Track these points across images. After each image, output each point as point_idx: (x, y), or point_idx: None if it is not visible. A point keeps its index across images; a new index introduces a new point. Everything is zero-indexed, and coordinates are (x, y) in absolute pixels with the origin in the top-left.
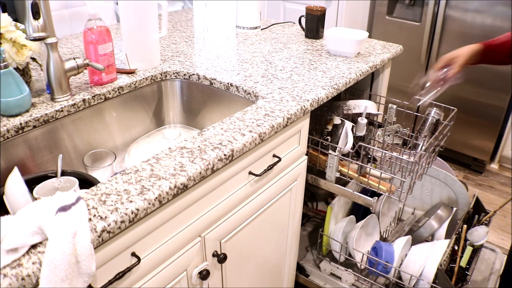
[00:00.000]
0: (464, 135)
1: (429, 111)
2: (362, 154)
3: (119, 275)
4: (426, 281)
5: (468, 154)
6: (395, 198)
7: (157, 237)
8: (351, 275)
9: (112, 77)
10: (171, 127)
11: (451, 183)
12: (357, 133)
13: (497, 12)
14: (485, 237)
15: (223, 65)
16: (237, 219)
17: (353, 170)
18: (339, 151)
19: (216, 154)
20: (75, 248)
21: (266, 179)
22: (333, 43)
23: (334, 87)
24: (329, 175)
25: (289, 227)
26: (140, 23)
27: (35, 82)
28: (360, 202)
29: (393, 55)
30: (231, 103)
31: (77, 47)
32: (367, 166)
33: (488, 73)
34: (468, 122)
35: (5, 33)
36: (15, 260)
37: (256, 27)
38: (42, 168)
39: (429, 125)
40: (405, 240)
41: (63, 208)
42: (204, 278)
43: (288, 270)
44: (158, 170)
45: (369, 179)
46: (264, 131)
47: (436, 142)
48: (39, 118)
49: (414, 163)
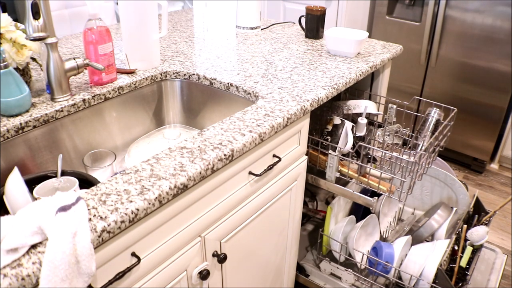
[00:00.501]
0: (464, 135)
1: (429, 111)
2: (362, 154)
3: (119, 275)
4: (426, 281)
5: (468, 154)
6: (395, 198)
7: (157, 237)
8: (351, 275)
9: (112, 77)
10: (171, 127)
11: (451, 183)
12: (357, 133)
13: (497, 12)
14: (485, 237)
15: (223, 65)
16: (237, 219)
17: (353, 170)
18: (339, 151)
19: (216, 154)
20: (75, 248)
21: (266, 179)
22: (333, 43)
23: (334, 87)
24: (329, 175)
25: (289, 227)
26: (140, 23)
27: (35, 82)
28: (360, 202)
29: (393, 55)
30: (231, 103)
31: (77, 47)
32: (367, 166)
33: (488, 73)
34: (468, 122)
35: (5, 33)
36: (15, 260)
37: (256, 27)
38: (42, 168)
39: (429, 125)
40: (405, 240)
41: (63, 208)
42: (204, 278)
43: (288, 270)
44: (158, 170)
45: (369, 179)
46: (264, 131)
47: (436, 142)
48: (39, 118)
49: (414, 163)
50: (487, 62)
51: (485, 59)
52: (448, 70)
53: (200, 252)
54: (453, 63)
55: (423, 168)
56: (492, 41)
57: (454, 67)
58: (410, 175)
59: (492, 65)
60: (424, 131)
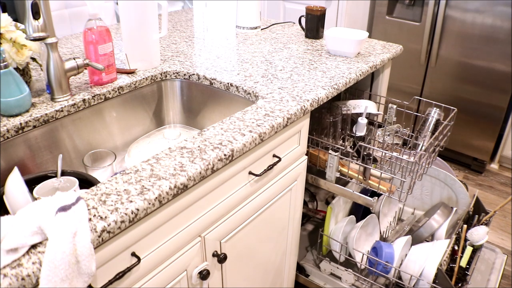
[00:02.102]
0: (464, 135)
1: (429, 111)
2: (362, 154)
3: (119, 275)
4: (426, 281)
5: (468, 154)
6: (395, 198)
7: (157, 237)
8: (351, 275)
9: (112, 77)
10: (171, 127)
11: (451, 183)
12: (357, 133)
13: (497, 12)
14: (485, 237)
15: (223, 65)
16: (237, 219)
17: (353, 170)
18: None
19: (216, 154)
20: (75, 248)
21: (266, 179)
22: (333, 43)
23: (334, 87)
24: (329, 175)
25: (289, 227)
26: (140, 23)
27: (35, 82)
28: (360, 202)
29: (393, 55)
30: (231, 103)
31: (77, 47)
32: (367, 166)
33: (488, 73)
34: (468, 122)
35: (5, 33)
36: (15, 260)
37: (256, 27)
38: (42, 168)
39: (429, 125)
40: (405, 240)
41: (63, 208)
42: (204, 278)
43: (288, 270)
44: (158, 170)
45: (369, 179)
46: (264, 131)
47: (436, 142)
48: (39, 118)
49: (414, 163)
50: (487, 62)
51: (485, 59)
52: (448, 70)
53: (200, 252)
54: (453, 63)
55: (423, 168)
56: (492, 41)
57: (454, 67)
58: (410, 175)
59: (492, 65)
60: (424, 131)
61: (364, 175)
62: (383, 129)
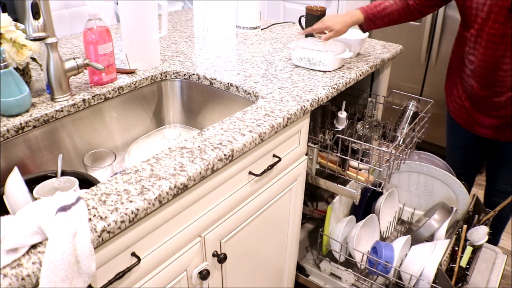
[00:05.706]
0: None
1: (407, 104)
2: (340, 146)
3: (119, 275)
4: (426, 281)
5: None
6: (372, 187)
7: (157, 237)
8: (351, 275)
9: (112, 77)
10: (171, 127)
11: (451, 183)
12: (337, 126)
13: None
14: (485, 237)
15: (223, 65)
16: (237, 219)
17: (332, 162)
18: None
19: (216, 154)
20: (75, 248)
21: (266, 179)
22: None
23: (334, 87)
24: (309, 167)
25: (289, 227)
26: (140, 23)
27: (35, 82)
28: (344, 195)
29: (393, 55)
30: (231, 103)
31: (77, 47)
32: (346, 158)
33: None
34: None
35: (5, 33)
36: (15, 260)
37: (256, 27)
38: (42, 168)
39: (407, 117)
40: (405, 240)
41: (63, 208)
42: (204, 278)
43: (288, 270)
44: (158, 170)
45: (348, 170)
46: (264, 131)
47: (413, 133)
48: (39, 118)
49: (390, 153)
50: None
51: None
52: None
53: (200, 252)
54: None
55: (400, 158)
56: None
57: None
58: (387, 164)
59: None
60: (402, 124)
61: (342, 166)
62: (362, 122)
